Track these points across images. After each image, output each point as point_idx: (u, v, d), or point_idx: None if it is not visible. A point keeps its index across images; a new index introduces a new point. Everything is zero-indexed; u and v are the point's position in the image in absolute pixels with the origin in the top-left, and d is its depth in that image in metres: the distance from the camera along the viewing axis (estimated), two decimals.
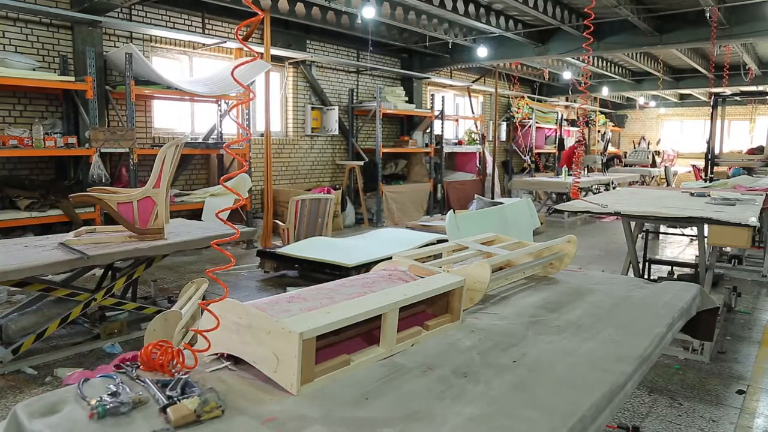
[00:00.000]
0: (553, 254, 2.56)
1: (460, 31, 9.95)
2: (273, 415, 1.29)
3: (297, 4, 8.00)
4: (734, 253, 6.83)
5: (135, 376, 1.42)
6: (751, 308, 5.27)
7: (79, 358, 3.90)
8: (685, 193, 5.91)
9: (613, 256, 7.34)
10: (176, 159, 4.08)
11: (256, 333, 1.46)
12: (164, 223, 4.07)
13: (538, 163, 15.72)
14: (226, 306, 1.52)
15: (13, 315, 3.91)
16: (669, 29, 9.21)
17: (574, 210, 4.94)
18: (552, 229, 9.88)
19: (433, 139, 11.45)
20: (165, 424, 1.21)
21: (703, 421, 3.14)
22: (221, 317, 1.51)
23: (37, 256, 3.47)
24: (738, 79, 12.92)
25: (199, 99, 7.75)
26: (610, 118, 20.28)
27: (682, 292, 2.33)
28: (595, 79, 15.07)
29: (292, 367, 1.38)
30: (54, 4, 6.55)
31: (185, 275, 6.17)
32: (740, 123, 18.69)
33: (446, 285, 1.84)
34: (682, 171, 16.57)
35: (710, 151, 9.68)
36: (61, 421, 1.23)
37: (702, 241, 4.56)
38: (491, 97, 14.32)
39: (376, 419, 1.28)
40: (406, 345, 1.69)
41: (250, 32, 1.78)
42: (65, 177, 6.62)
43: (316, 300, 1.72)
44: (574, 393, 1.42)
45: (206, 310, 1.53)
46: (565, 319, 1.98)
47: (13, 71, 5.70)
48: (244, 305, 1.53)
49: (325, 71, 10.24)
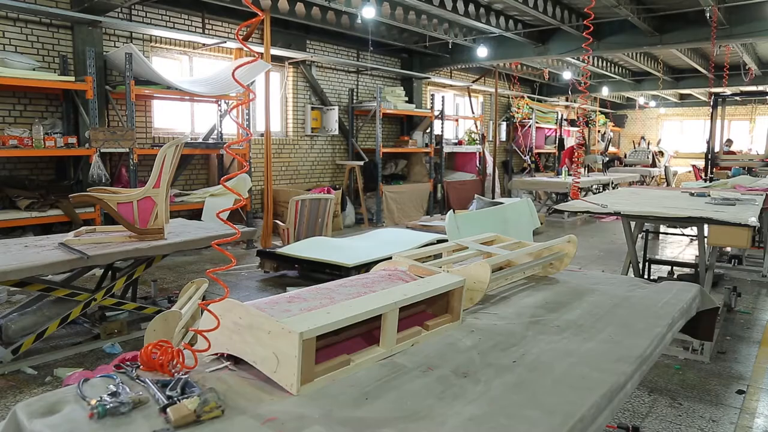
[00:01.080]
0: (553, 254, 2.56)
1: (460, 31, 9.95)
2: (273, 415, 1.29)
3: (297, 4, 8.00)
4: (734, 253, 6.83)
5: (135, 376, 1.42)
6: (751, 308, 5.27)
7: (79, 358, 3.90)
8: (685, 193, 5.91)
9: (613, 256, 7.34)
10: (176, 159, 4.08)
11: (257, 333, 1.46)
12: (164, 223, 4.07)
13: (538, 163, 15.72)
14: (227, 306, 1.52)
15: (13, 315, 3.91)
16: (669, 29, 9.21)
17: (574, 210, 4.94)
18: (552, 229, 9.88)
19: (433, 139, 11.45)
20: (165, 424, 1.21)
21: (703, 421, 3.14)
22: (221, 317, 1.51)
23: (37, 256, 3.47)
24: (738, 79, 12.92)
25: (199, 99, 7.75)
26: (610, 118, 20.28)
27: (682, 292, 2.33)
28: (595, 79, 15.08)
29: (292, 367, 1.38)
30: (54, 4, 6.55)
31: (185, 275, 6.17)
32: (740, 123, 18.69)
33: (446, 285, 1.84)
34: (682, 171, 16.58)
35: (710, 151, 9.68)
36: (61, 421, 1.23)
37: (702, 241, 4.55)
38: (491, 97, 14.32)
39: (376, 419, 1.28)
40: (406, 345, 1.69)
41: (250, 32, 1.76)
42: (65, 177, 6.62)
43: (316, 300, 1.72)
44: (574, 393, 1.42)
45: (206, 311, 1.53)
46: (565, 319, 1.98)
47: (13, 71, 5.70)
48: (244, 305, 1.53)
49: (325, 71, 10.24)
